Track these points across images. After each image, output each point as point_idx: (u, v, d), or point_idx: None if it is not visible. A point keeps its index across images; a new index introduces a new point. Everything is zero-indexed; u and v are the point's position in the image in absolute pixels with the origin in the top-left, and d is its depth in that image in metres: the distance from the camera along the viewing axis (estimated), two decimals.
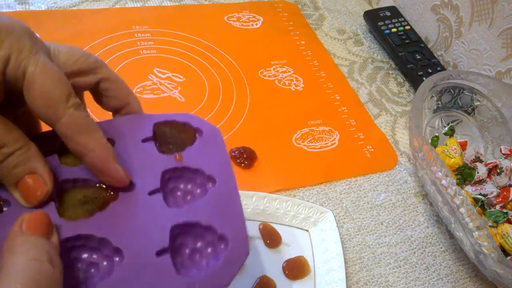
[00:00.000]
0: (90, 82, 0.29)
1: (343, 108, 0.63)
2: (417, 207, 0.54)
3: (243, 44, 0.67)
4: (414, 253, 0.50)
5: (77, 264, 0.25)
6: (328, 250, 0.45)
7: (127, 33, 0.63)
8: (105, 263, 0.25)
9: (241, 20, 0.71)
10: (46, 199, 0.25)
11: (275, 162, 0.53)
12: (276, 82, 0.63)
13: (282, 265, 0.44)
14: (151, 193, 0.27)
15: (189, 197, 0.29)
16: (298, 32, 0.72)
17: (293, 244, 0.46)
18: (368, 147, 0.59)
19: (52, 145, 0.28)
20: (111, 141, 0.29)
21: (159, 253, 0.25)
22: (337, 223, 0.46)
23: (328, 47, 0.72)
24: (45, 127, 0.29)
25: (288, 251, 0.45)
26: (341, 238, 0.45)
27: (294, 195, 0.51)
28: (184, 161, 0.29)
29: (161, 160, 0.29)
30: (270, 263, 0.44)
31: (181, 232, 0.27)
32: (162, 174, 0.28)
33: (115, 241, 0.25)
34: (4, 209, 0.25)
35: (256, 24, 0.71)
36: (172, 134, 0.30)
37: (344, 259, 0.44)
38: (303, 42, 0.71)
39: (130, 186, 0.27)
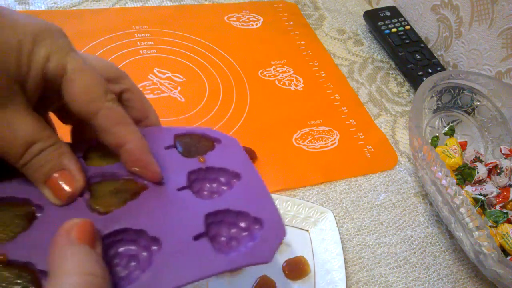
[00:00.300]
0: (114, 91, 0.29)
1: (343, 108, 0.63)
2: (417, 207, 0.54)
3: (243, 44, 0.67)
4: (414, 253, 0.50)
5: (116, 259, 0.25)
6: (328, 250, 0.45)
7: (127, 33, 0.63)
8: (144, 253, 0.25)
9: (241, 20, 0.71)
10: (77, 195, 0.25)
11: (275, 162, 0.53)
12: (276, 82, 0.63)
13: (282, 265, 0.44)
14: (180, 189, 0.27)
15: (215, 195, 0.29)
16: (298, 32, 0.72)
17: (293, 244, 0.46)
18: (368, 147, 0.59)
19: (77, 153, 0.28)
20: None
21: (196, 237, 0.25)
22: (337, 223, 0.46)
23: (328, 47, 0.72)
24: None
25: (288, 251, 0.45)
26: (341, 238, 0.45)
27: (294, 195, 0.51)
28: (208, 162, 0.30)
29: (186, 162, 0.29)
30: (270, 263, 0.44)
31: (214, 222, 0.27)
32: (188, 175, 0.28)
33: (151, 231, 0.25)
34: (38, 214, 0.25)
35: (256, 24, 0.71)
36: (192, 143, 0.31)
37: (344, 259, 0.44)
38: (303, 42, 0.71)
39: (158, 183, 0.27)
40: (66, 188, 0.25)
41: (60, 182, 0.25)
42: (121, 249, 0.25)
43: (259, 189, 0.29)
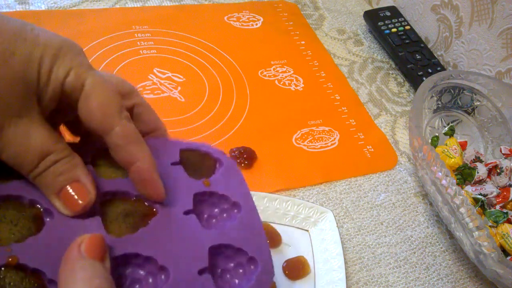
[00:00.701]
0: (126, 106, 0.30)
1: (343, 108, 0.63)
2: (417, 207, 0.54)
3: (243, 44, 0.67)
4: (414, 253, 0.50)
5: (123, 281, 0.25)
6: (328, 250, 0.45)
7: (127, 33, 0.63)
8: (150, 280, 0.25)
9: (241, 20, 0.71)
10: (89, 208, 0.25)
11: (275, 162, 0.53)
12: (276, 82, 0.63)
13: (282, 265, 0.44)
14: (186, 213, 0.28)
15: (214, 220, 0.30)
16: (298, 32, 0.72)
17: (293, 244, 0.46)
18: (368, 147, 0.59)
19: (85, 157, 0.28)
20: None
21: (201, 272, 0.26)
22: (337, 223, 0.46)
23: (328, 47, 0.72)
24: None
25: (288, 251, 0.45)
26: (341, 238, 0.45)
27: (294, 195, 0.51)
28: (212, 186, 0.30)
29: (191, 183, 0.30)
30: None
31: (215, 253, 0.28)
32: (193, 197, 0.29)
33: (161, 259, 0.25)
34: (46, 219, 0.25)
35: (256, 24, 0.71)
36: (197, 161, 0.32)
37: (344, 259, 0.44)
38: (303, 42, 0.71)
39: (164, 204, 0.28)
40: (79, 200, 0.25)
41: (72, 194, 0.25)
42: (128, 272, 0.25)
43: (255, 226, 0.30)
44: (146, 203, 0.28)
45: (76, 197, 0.25)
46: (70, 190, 0.25)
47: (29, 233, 0.24)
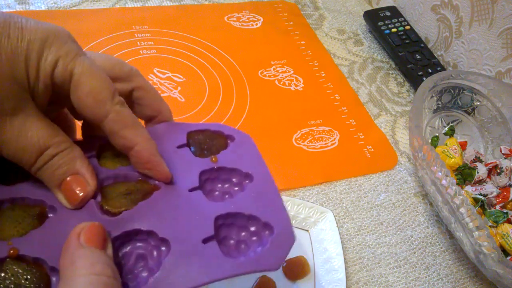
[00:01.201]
0: (124, 89, 0.30)
1: (343, 108, 0.63)
2: (417, 207, 0.54)
3: (243, 44, 0.67)
4: (414, 253, 0.50)
5: (126, 260, 0.25)
6: (328, 250, 0.45)
7: (127, 33, 0.63)
8: (154, 254, 0.25)
9: (241, 20, 0.71)
10: (88, 199, 0.26)
11: (275, 162, 0.53)
12: (276, 82, 0.63)
13: (282, 265, 0.44)
14: (191, 190, 0.28)
15: (227, 196, 0.30)
16: (298, 32, 0.72)
17: (293, 244, 0.46)
18: (368, 147, 0.59)
19: (90, 151, 0.28)
20: None
21: (205, 241, 0.25)
22: (337, 223, 0.46)
23: (328, 47, 0.72)
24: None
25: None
26: (341, 238, 0.45)
27: (294, 195, 0.51)
28: (220, 162, 0.30)
29: (198, 162, 0.29)
30: None
31: (224, 224, 0.27)
32: (199, 175, 0.29)
33: (161, 232, 0.25)
34: (50, 215, 0.26)
35: (256, 24, 0.71)
36: (205, 141, 0.31)
37: (344, 259, 0.44)
38: (303, 42, 0.71)
39: (170, 183, 0.28)
40: (78, 192, 0.25)
41: (72, 186, 0.25)
42: (131, 250, 0.25)
43: (271, 192, 0.29)
44: (150, 182, 0.27)
45: (76, 189, 0.25)
46: (69, 183, 0.25)
47: (32, 229, 0.25)
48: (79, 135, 0.31)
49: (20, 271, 0.23)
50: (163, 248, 0.25)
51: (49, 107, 0.27)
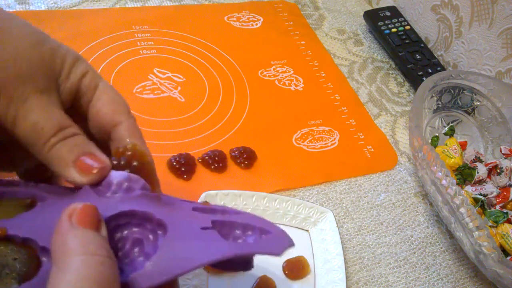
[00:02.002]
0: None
1: (343, 108, 0.63)
2: (417, 207, 0.54)
3: (243, 44, 0.67)
4: (414, 253, 0.50)
5: (122, 243, 0.25)
6: (328, 250, 0.45)
7: (127, 33, 0.63)
8: (150, 237, 0.25)
9: (241, 20, 0.71)
10: (104, 174, 0.27)
11: (275, 162, 0.53)
12: (276, 82, 0.63)
13: (282, 265, 0.44)
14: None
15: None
16: (298, 32, 0.72)
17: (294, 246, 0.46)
18: (368, 147, 0.59)
19: None
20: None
21: (204, 228, 0.25)
22: (337, 223, 0.46)
23: (328, 47, 0.72)
24: None
25: (288, 251, 0.45)
26: (341, 238, 0.45)
27: (294, 195, 0.51)
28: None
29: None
30: (270, 263, 0.44)
31: (220, 232, 0.27)
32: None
33: (159, 215, 0.25)
34: (38, 203, 0.25)
35: (256, 24, 0.71)
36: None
37: (344, 259, 0.44)
38: (303, 42, 0.71)
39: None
40: (96, 165, 0.27)
41: (88, 162, 0.27)
42: (128, 233, 0.25)
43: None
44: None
45: (93, 164, 0.27)
46: (84, 159, 0.27)
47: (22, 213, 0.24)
48: None
49: (8, 251, 0.22)
50: (160, 232, 0.25)
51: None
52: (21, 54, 0.26)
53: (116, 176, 0.26)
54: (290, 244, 0.27)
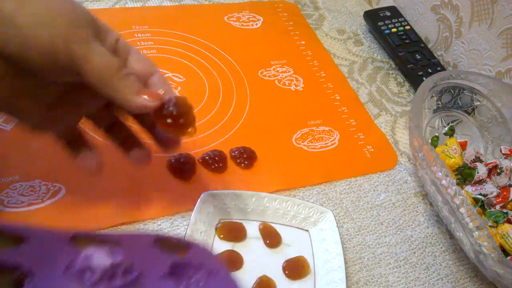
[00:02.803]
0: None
1: (343, 108, 0.63)
2: (417, 207, 0.54)
3: (243, 44, 0.67)
4: (414, 253, 0.50)
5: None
6: (328, 250, 0.45)
7: (127, 33, 0.63)
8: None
9: (241, 20, 0.71)
10: (166, 100, 0.34)
11: (275, 162, 0.53)
12: (276, 82, 0.63)
13: (282, 265, 0.44)
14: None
15: None
16: (298, 32, 0.72)
17: (293, 244, 0.46)
18: (368, 147, 0.59)
19: None
20: None
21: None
22: (337, 223, 0.46)
23: (328, 47, 0.72)
24: None
25: (288, 251, 0.45)
26: (341, 238, 0.45)
27: (294, 195, 0.51)
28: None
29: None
30: (270, 263, 0.44)
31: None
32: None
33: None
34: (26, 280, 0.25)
35: (256, 24, 0.71)
36: None
37: (344, 259, 0.44)
38: (303, 42, 0.71)
39: None
40: (160, 91, 0.34)
41: (151, 91, 0.33)
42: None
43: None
44: None
45: (156, 90, 0.34)
46: (149, 89, 0.34)
47: None
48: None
49: None
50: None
51: (72, 110, 0.36)
52: (66, 7, 0.30)
53: (99, 260, 0.25)
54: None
